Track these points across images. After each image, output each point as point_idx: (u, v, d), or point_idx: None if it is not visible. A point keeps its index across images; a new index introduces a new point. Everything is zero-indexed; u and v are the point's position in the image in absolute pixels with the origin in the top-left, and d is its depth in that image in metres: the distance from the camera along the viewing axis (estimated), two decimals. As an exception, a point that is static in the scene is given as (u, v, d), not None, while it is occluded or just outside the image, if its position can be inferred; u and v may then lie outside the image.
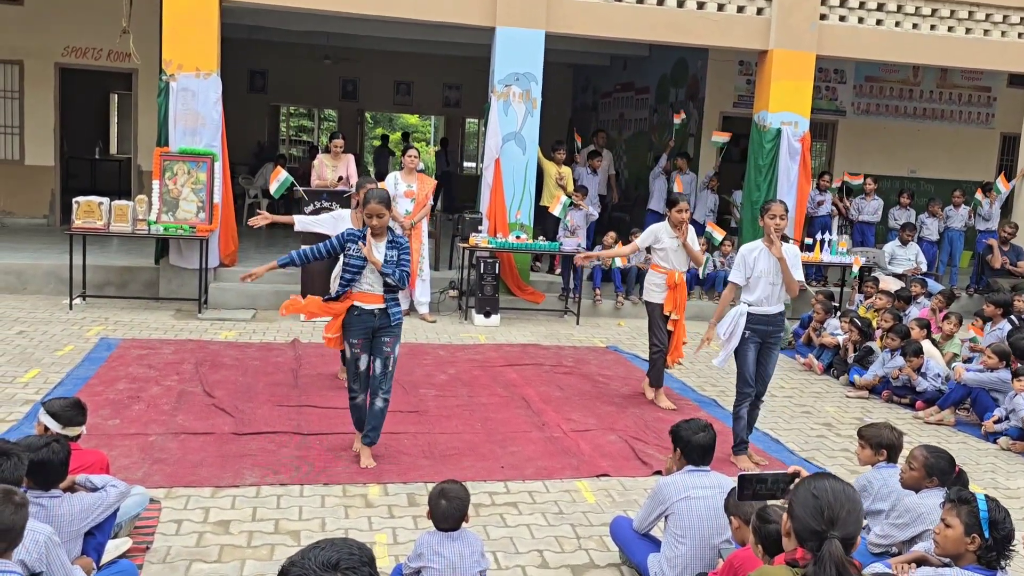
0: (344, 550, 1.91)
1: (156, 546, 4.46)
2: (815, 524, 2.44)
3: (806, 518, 2.46)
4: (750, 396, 6.15)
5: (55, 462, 3.64)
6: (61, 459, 3.67)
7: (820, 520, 2.44)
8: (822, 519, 2.43)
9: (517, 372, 8.22)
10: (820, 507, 2.45)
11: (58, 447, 3.66)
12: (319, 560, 1.88)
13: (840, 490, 2.51)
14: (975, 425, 7.53)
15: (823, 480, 2.56)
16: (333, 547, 1.92)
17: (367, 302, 5.56)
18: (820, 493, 2.49)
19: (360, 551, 1.93)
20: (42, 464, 3.61)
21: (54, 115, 13.52)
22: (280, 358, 8.18)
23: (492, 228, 10.88)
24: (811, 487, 2.53)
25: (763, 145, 11.61)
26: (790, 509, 2.54)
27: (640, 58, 16.56)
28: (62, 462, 3.68)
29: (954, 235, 13.22)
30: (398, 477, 5.54)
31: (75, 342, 8.30)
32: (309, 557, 1.89)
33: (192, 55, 9.98)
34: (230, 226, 10.63)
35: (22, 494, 3.16)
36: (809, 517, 2.45)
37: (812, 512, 2.45)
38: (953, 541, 3.37)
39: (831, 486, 2.52)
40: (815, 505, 2.46)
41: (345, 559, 1.89)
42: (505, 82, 10.85)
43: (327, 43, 17.11)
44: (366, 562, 1.92)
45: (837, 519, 2.43)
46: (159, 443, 5.85)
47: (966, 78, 15.76)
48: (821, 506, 2.45)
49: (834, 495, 2.48)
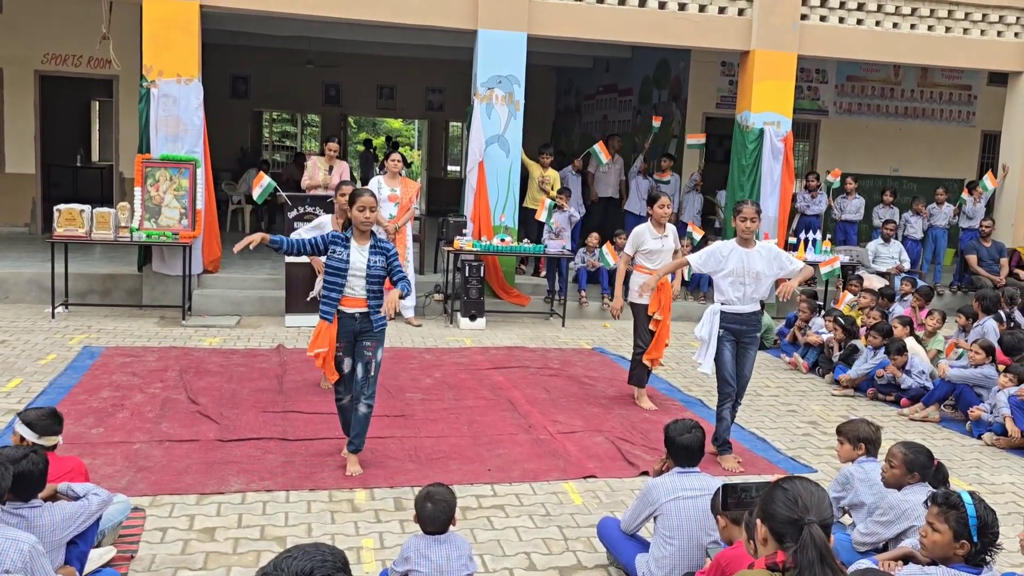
0: (317, 557, 1.88)
1: (141, 554, 4.42)
2: (791, 513, 2.47)
3: (781, 511, 2.50)
4: (732, 396, 6.17)
5: (35, 473, 3.60)
6: (40, 470, 3.63)
7: (795, 509, 2.47)
8: (797, 507, 2.47)
9: (503, 375, 8.21)
10: (792, 497, 2.50)
11: (37, 458, 3.62)
12: (293, 570, 1.85)
13: (806, 484, 2.57)
14: (959, 422, 7.57)
15: (786, 480, 2.62)
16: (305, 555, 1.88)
17: (349, 306, 5.50)
18: (789, 486, 2.55)
19: (333, 556, 1.89)
20: (22, 476, 3.57)
21: (34, 122, 13.43)
22: (265, 364, 8.15)
23: (476, 231, 10.87)
24: (777, 486, 2.59)
25: (746, 145, 11.65)
26: (762, 514, 2.57)
27: (623, 60, 16.60)
28: (41, 472, 3.64)
29: (938, 233, 13.30)
30: (384, 481, 5.51)
31: (58, 351, 8.24)
32: (282, 568, 1.85)
33: (173, 61, 9.93)
34: (213, 232, 10.58)
35: None
36: (784, 510, 2.49)
37: (786, 505, 2.49)
38: (941, 546, 3.36)
39: (799, 482, 2.58)
40: (787, 498, 2.51)
41: (319, 567, 1.86)
42: (488, 85, 10.86)
43: (309, 48, 17.08)
44: (340, 567, 1.89)
45: (811, 505, 2.48)
46: (143, 451, 5.80)
47: (947, 77, 15.88)
48: (793, 496, 2.50)
49: (803, 486, 2.55)
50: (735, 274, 6.05)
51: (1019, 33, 12.49)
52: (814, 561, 2.35)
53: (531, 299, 11.29)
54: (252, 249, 5.43)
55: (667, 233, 7.35)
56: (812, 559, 2.35)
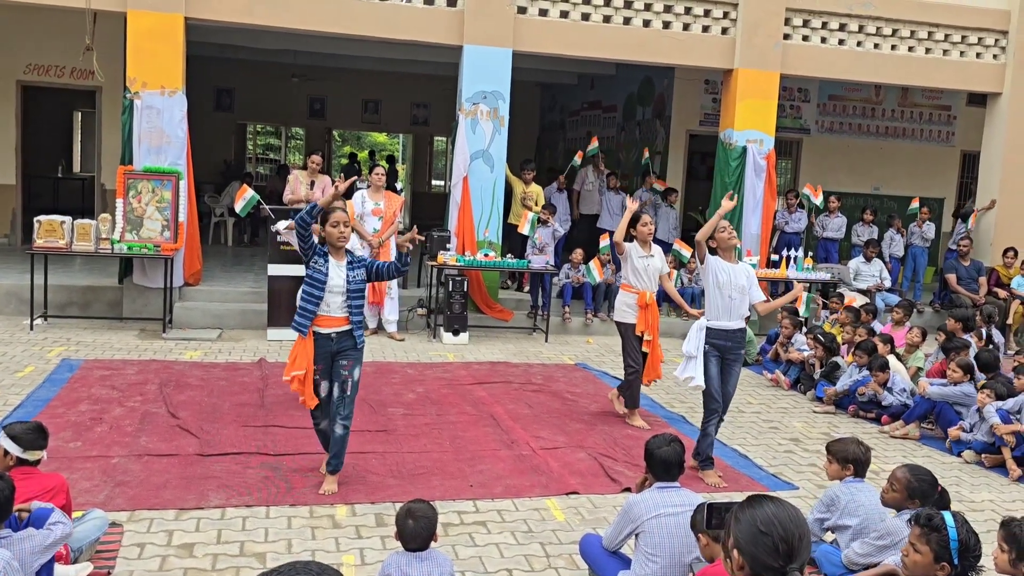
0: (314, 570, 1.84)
1: (118, 571, 4.37)
2: (772, 562, 2.28)
3: (762, 556, 2.29)
4: (718, 412, 6.19)
5: (0, 502, 3.52)
6: (6, 496, 3.54)
7: (776, 557, 2.27)
8: (779, 555, 2.27)
9: (486, 390, 8.19)
10: (774, 544, 2.27)
11: (2, 485, 3.53)
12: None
13: (787, 517, 2.32)
14: (939, 439, 7.61)
15: (764, 508, 2.35)
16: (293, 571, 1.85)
17: (325, 326, 5.41)
18: (769, 528, 2.29)
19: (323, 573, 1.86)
20: None
21: (16, 133, 13.34)
22: (246, 378, 8.09)
23: (460, 246, 10.87)
24: (755, 522, 2.32)
25: (729, 163, 11.73)
26: (737, 544, 2.34)
27: (607, 76, 16.69)
28: (8, 500, 3.55)
29: (917, 251, 13.44)
30: (366, 497, 5.48)
31: (36, 363, 8.16)
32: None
33: (157, 73, 9.90)
34: (195, 245, 10.52)
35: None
36: (765, 555, 2.28)
37: (766, 551, 2.28)
38: (922, 567, 3.35)
39: (775, 514, 2.32)
40: (768, 543, 2.28)
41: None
42: (473, 100, 10.88)
43: (294, 61, 17.07)
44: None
45: (794, 551, 2.27)
46: (122, 465, 5.75)
47: (927, 97, 16.06)
48: (775, 542, 2.27)
49: (783, 527, 2.29)
50: (723, 286, 6.10)
51: (997, 55, 12.65)
52: None
53: (514, 314, 11.29)
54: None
55: (652, 253, 7.36)
56: None
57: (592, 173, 13.68)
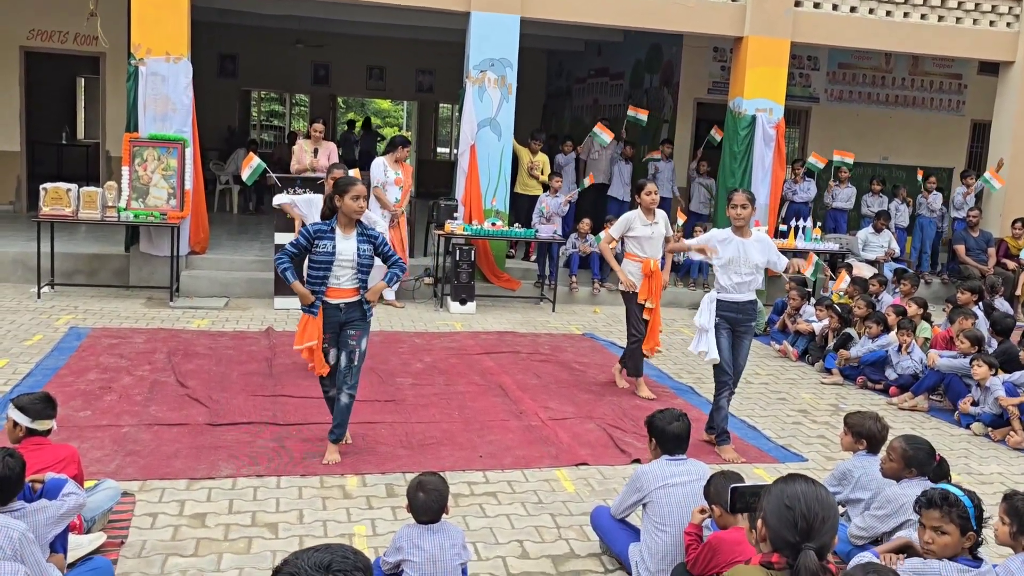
0: (339, 553, 1.90)
1: (131, 540, 4.38)
2: (790, 536, 2.38)
3: (781, 529, 2.40)
4: (729, 384, 6.16)
5: (11, 478, 3.50)
6: (17, 472, 3.53)
7: (794, 532, 2.37)
8: (796, 531, 2.37)
9: (493, 360, 8.18)
10: (795, 519, 2.38)
11: (12, 461, 3.51)
12: (311, 561, 1.87)
13: (814, 497, 2.42)
14: (948, 411, 7.61)
15: (795, 485, 2.46)
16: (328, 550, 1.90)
17: (334, 297, 5.39)
18: (793, 503, 2.41)
19: (355, 556, 1.91)
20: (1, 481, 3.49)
21: (19, 99, 13.26)
22: (254, 347, 8.09)
23: (467, 215, 10.82)
24: (783, 496, 2.44)
25: (738, 132, 11.63)
26: (764, 516, 2.47)
27: (614, 44, 16.52)
28: (18, 476, 3.55)
29: (924, 221, 13.34)
30: (376, 468, 5.49)
31: (44, 331, 8.16)
32: (302, 558, 1.88)
33: (162, 39, 9.81)
34: (201, 213, 10.49)
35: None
36: (784, 529, 2.39)
37: (787, 524, 2.39)
38: (952, 547, 3.34)
39: (804, 493, 2.43)
40: (790, 517, 2.39)
41: (338, 561, 1.87)
42: (480, 67, 10.78)
43: (299, 27, 16.92)
44: (360, 568, 1.89)
45: (812, 530, 2.37)
46: (132, 434, 5.76)
47: (937, 65, 15.87)
48: (795, 518, 2.38)
49: (807, 505, 2.40)
50: (732, 263, 6.03)
51: (1011, 23, 12.48)
52: None
53: (521, 284, 11.26)
54: None
55: (657, 220, 7.31)
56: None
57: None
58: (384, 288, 5.52)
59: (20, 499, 3.61)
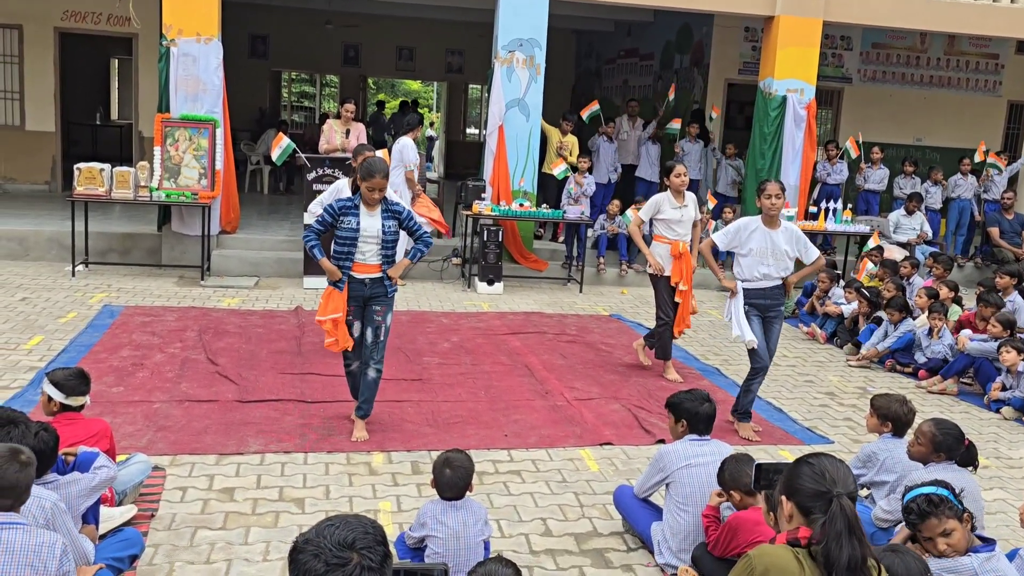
0: (359, 528, 1.90)
1: (161, 513, 4.47)
2: (819, 487, 2.49)
3: (809, 485, 2.51)
4: (763, 370, 6.11)
5: (45, 451, 3.58)
6: (51, 447, 3.61)
7: (823, 482, 2.50)
8: (824, 481, 2.49)
9: (520, 340, 8.21)
10: (820, 472, 2.52)
11: (46, 435, 3.59)
12: (335, 539, 1.87)
13: (831, 459, 2.59)
14: (978, 395, 7.53)
15: (811, 455, 2.62)
16: (347, 525, 1.90)
17: (359, 271, 5.44)
18: (814, 460, 2.57)
19: (374, 529, 1.92)
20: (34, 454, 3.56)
21: (54, 80, 13.43)
22: (283, 326, 8.18)
23: (495, 195, 10.83)
24: (801, 461, 2.61)
25: (768, 113, 11.52)
26: (788, 490, 2.57)
27: (644, 24, 16.40)
28: (52, 449, 3.62)
29: (963, 204, 13.15)
30: (402, 445, 5.54)
31: (78, 309, 8.30)
32: (324, 535, 1.88)
33: (193, 20, 9.88)
34: (232, 193, 10.58)
35: (29, 453, 3.15)
36: (812, 483, 2.51)
37: (813, 478, 2.52)
38: (964, 538, 3.36)
39: (822, 457, 2.59)
40: (813, 472, 2.53)
41: (360, 538, 1.88)
42: (509, 48, 10.74)
43: (329, 7, 16.94)
44: (380, 540, 1.91)
45: (838, 479, 2.50)
46: (163, 410, 5.86)
47: (974, 45, 15.60)
48: (820, 471, 2.52)
49: (828, 461, 2.56)
50: (758, 253, 5.98)
51: (1051, 1, 12.23)
52: (842, 532, 2.37)
53: (549, 264, 11.26)
54: None
55: (686, 203, 7.26)
56: (841, 530, 2.37)
57: (627, 123, 13.51)
58: (407, 265, 5.56)
59: (53, 471, 3.69)
